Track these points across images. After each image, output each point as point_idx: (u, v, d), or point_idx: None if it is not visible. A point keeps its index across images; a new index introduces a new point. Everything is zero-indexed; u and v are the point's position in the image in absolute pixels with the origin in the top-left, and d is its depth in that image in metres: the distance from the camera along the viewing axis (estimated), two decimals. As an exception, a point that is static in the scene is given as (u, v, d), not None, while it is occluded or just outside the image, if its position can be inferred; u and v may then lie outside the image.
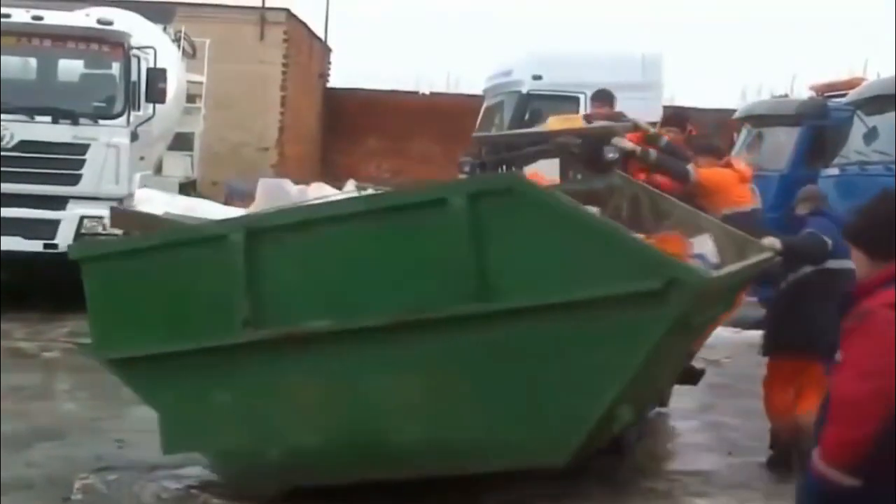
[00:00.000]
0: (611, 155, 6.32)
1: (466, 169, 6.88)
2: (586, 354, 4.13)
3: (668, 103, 15.87)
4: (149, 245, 4.87)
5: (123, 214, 5.39)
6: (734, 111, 13.85)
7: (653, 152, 6.57)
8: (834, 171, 10.14)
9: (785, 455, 5.62)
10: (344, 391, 4.48)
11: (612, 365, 4.12)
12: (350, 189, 5.63)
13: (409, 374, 4.38)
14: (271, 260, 4.48)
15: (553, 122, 6.77)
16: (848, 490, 2.59)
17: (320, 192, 5.51)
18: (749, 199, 6.65)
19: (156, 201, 5.85)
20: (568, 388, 4.19)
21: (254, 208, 5.48)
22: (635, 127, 6.75)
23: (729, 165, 7.11)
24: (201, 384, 4.67)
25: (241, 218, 5.04)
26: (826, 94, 12.39)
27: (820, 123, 11.41)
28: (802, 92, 14.59)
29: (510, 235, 4.18)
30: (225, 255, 4.51)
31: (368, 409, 4.47)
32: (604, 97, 7.96)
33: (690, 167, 6.59)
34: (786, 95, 14.91)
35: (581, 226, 4.19)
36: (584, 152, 6.60)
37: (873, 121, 9.86)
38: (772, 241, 5.40)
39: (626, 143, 6.48)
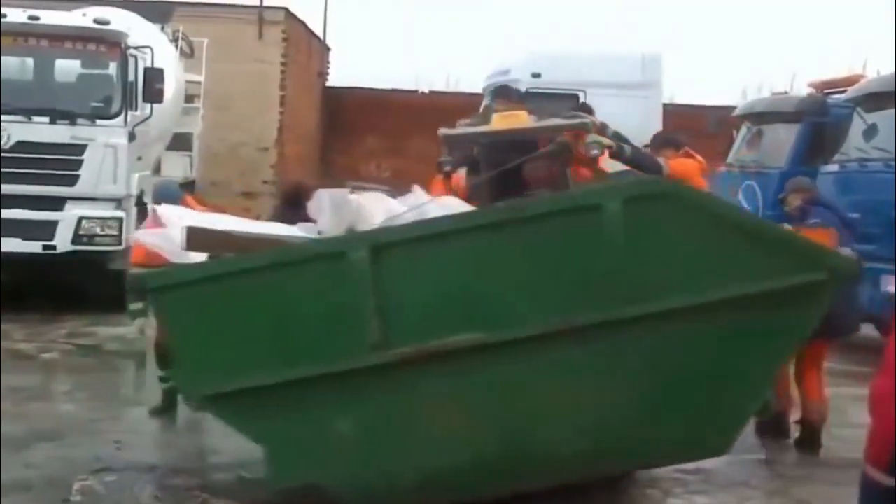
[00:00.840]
0: (594, 151, 6.31)
1: (447, 169, 6.76)
2: (746, 348, 4.24)
3: (667, 102, 15.85)
4: (248, 267, 4.36)
5: (203, 234, 4.69)
6: (734, 108, 13.82)
7: (627, 147, 6.64)
8: (834, 167, 10.13)
9: (815, 435, 6.10)
10: (490, 405, 4.36)
11: (769, 356, 4.31)
12: (416, 197, 5.26)
13: (564, 381, 4.34)
14: (400, 276, 4.27)
15: (497, 120, 6.66)
16: (889, 490, 2.55)
17: (382, 202, 5.19)
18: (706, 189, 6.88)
19: (184, 218, 5.43)
20: (729, 382, 4.29)
21: (327, 222, 5.05)
22: (582, 125, 6.69)
23: (689, 156, 7.28)
24: (318, 412, 4.34)
25: (361, 234, 4.60)
26: (826, 92, 12.36)
27: (820, 120, 11.39)
28: (802, 89, 14.54)
29: (665, 238, 4.28)
30: (346, 274, 4.25)
31: (519, 420, 4.38)
32: (507, 93, 7.89)
33: (661, 160, 6.73)
34: (786, 93, 14.84)
35: (739, 225, 4.33)
36: (495, 152, 6.50)
37: (873, 117, 9.84)
38: None
39: (605, 139, 6.48)
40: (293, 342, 4.30)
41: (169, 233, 5.10)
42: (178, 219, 5.19)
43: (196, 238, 4.64)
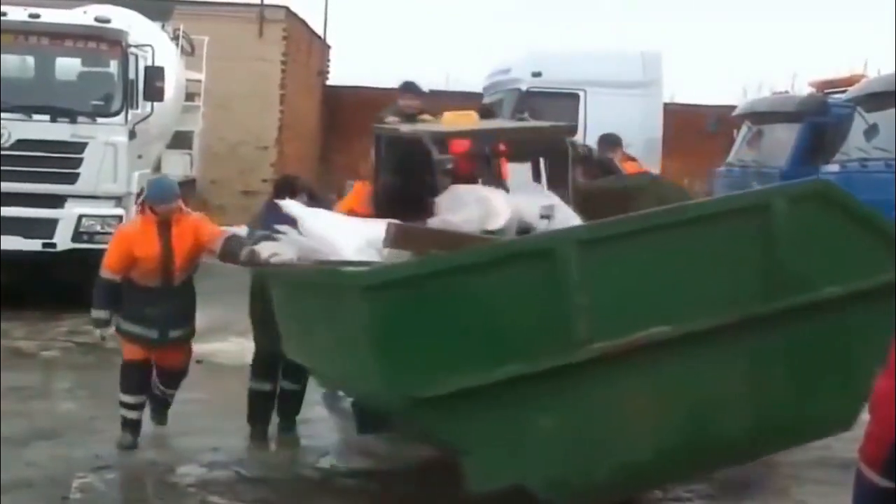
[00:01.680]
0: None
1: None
2: (872, 334, 4.39)
3: (668, 101, 15.85)
4: (457, 265, 4.27)
5: (413, 231, 4.58)
6: (735, 108, 13.82)
7: (595, 150, 6.78)
8: (834, 167, 10.13)
9: None
10: (675, 394, 4.53)
11: (884, 341, 4.58)
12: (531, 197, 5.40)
13: (739, 368, 4.62)
14: (604, 271, 4.36)
15: (448, 118, 6.64)
16: (883, 490, 2.55)
17: (505, 197, 5.32)
18: None
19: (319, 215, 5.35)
20: (861, 363, 4.49)
21: (464, 217, 5.08)
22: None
23: (630, 157, 7.44)
24: (523, 411, 4.31)
25: (567, 231, 4.77)
26: (826, 91, 12.38)
27: (820, 120, 11.40)
28: (803, 89, 14.55)
29: (819, 234, 4.68)
30: (554, 270, 4.28)
31: (699, 408, 4.60)
32: (413, 89, 7.87)
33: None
34: (786, 92, 14.85)
35: (874, 223, 4.80)
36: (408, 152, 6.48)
37: (874, 117, 9.85)
38: None
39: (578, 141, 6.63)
40: (501, 341, 4.27)
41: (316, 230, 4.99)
42: (312, 216, 5.18)
43: (401, 235, 4.56)
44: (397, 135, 6.35)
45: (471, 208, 5.08)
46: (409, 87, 7.78)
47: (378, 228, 4.76)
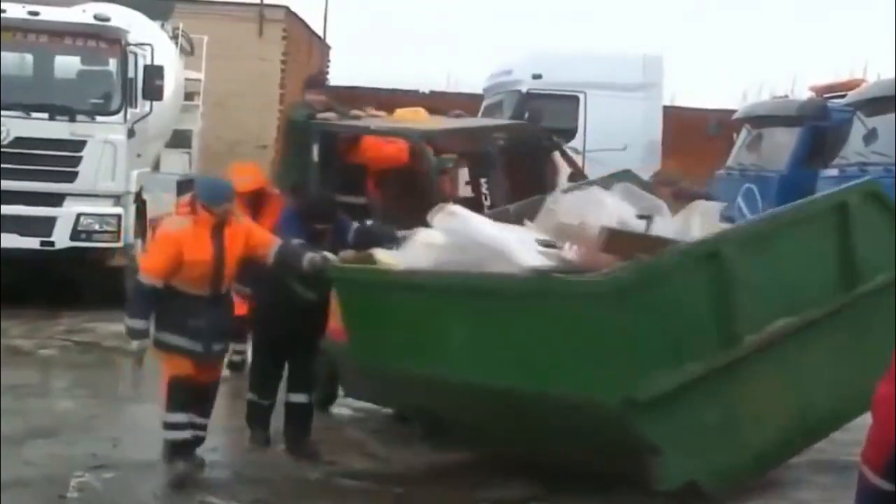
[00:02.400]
0: (449, 165, 6.69)
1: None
2: None
3: (668, 104, 15.86)
4: (666, 269, 4.51)
5: (622, 236, 4.64)
6: (735, 111, 13.83)
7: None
8: (833, 172, 10.13)
9: None
10: (794, 379, 4.95)
11: None
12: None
13: (828, 351, 5.06)
14: (751, 269, 4.73)
15: (400, 114, 6.63)
16: (884, 493, 2.55)
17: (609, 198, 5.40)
18: None
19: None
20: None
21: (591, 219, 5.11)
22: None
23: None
24: (695, 409, 4.57)
25: (727, 232, 5.01)
26: (826, 96, 12.39)
27: (820, 124, 11.41)
28: (803, 93, 14.57)
29: (875, 227, 5.26)
30: (721, 271, 4.58)
31: (808, 389, 5.00)
32: (319, 84, 7.79)
33: None
34: (786, 96, 14.87)
35: None
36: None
37: (873, 122, 9.86)
38: None
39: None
40: (687, 342, 4.53)
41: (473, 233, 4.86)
42: (479, 221, 4.98)
43: (614, 240, 4.63)
44: (370, 132, 6.35)
45: (593, 210, 5.13)
46: (314, 83, 7.69)
47: (530, 233, 4.94)
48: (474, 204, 6.48)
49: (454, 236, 4.90)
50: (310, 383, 5.74)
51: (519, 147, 6.66)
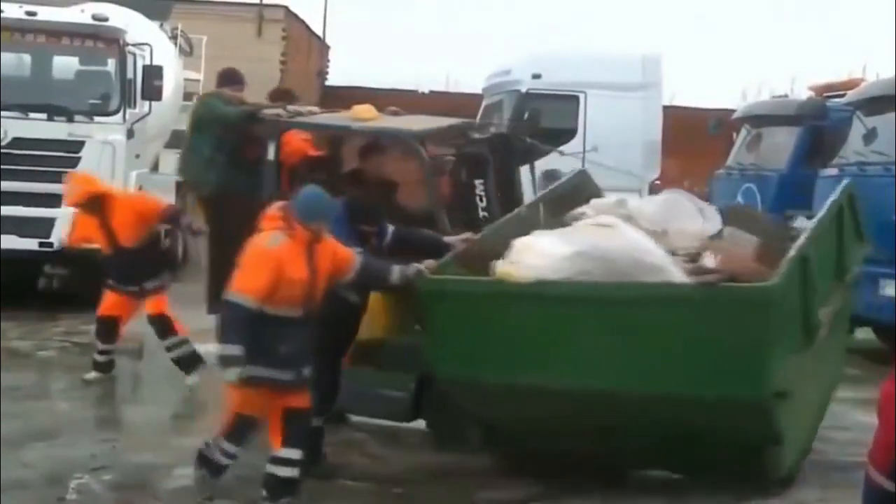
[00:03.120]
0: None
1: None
2: None
3: (668, 103, 15.85)
4: (797, 274, 5.03)
5: (769, 247, 5.22)
6: (734, 111, 13.81)
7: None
8: (833, 171, 10.11)
9: None
10: (824, 359, 5.69)
11: None
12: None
13: (828, 340, 5.57)
14: (815, 267, 5.23)
15: (358, 111, 6.50)
16: (891, 494, 2.55)
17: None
18: None
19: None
20: None
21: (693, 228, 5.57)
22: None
23: None
24: (796, 398, 5.05)
25: (805, 236, 5.38)
26: (825, 95, 12.36)
27: (819, 124, 11.38)
28: (802, 92, 14.55)
29: (852, 226, 6.08)
30: (806, 273, 5.09)
31: (825, 367, 5.81)
32: (236, 78, 7.37)
33: None
34: (785, 96, 14.86)
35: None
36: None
37: (872, 121, 9.83)
38: None
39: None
40: (797, 336, 5.10)
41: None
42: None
43: (764, 251, 5.17)
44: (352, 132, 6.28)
45: (694, 217, 5.55)
46: (231, 76, 7.40)
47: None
48: (470, 207, 6.42)
49: (597, 247, 4.95)
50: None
51: (497, 150, 6.57)
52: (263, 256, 4.68)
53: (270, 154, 5.96)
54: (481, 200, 6.15)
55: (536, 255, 4.95)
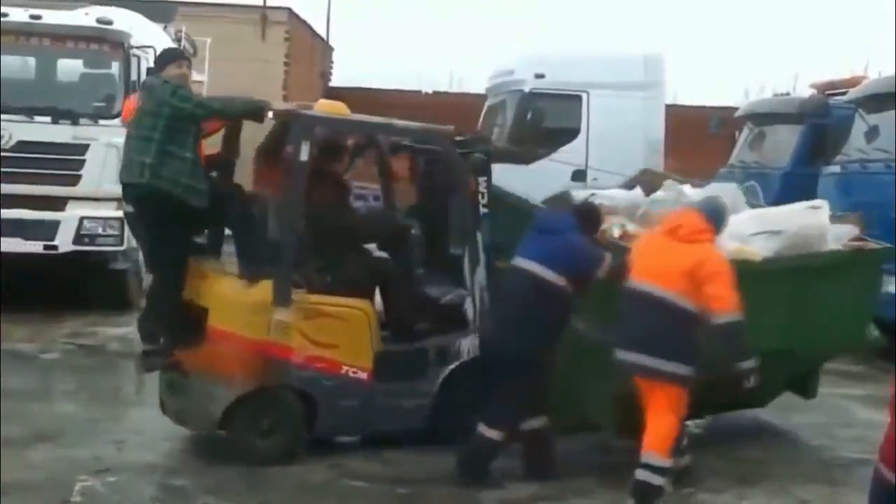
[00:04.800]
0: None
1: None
2: None
3: (670, 102, 15.83)
4: None
5: None
6: (737, 109, 13.81)
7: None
8: (835, 168, 10.12)
9: None
10: None
11: None
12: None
13: None
14: None
15: (322, 105, 6.45)
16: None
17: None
18: None
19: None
20: None
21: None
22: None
23: None
24: None
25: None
26: (827, 93, 12.36)
27: (821, 122, 11.38)
28: (804, 90, 14.53)
29: None
30: None
31: None
32: (179, 55, 6.54)
33: None
34: (788, 94, 14.84)
35: None
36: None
37: (874, 119, 9.83)
38: None
39: None
40: None
41: None
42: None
43: None
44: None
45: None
46: (174, 55, 6.44)
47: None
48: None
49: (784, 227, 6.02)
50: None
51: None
52: (729, 270, 4.99)
53: (304, 154, 5.67)
54: (482, 198, 6.11)
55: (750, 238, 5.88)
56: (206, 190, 5.73)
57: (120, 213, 10.09)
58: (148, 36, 11.43)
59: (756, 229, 5.99)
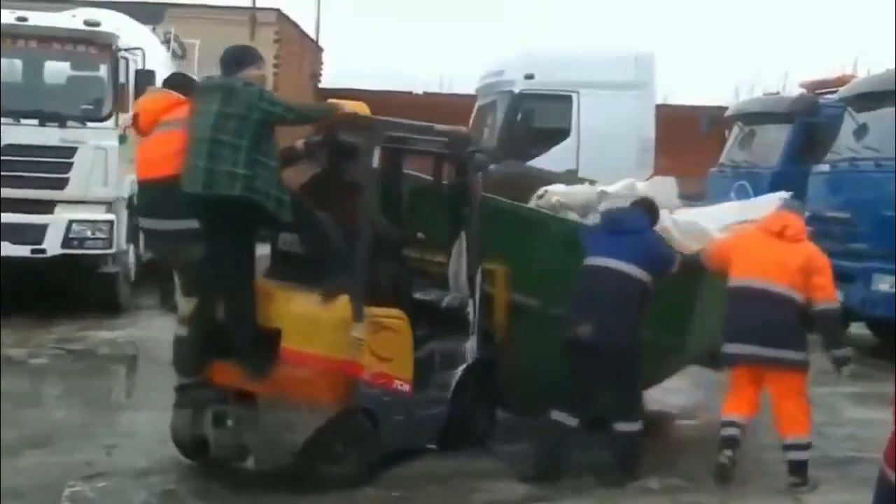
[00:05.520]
0: None
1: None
2: None
3: (661, 102, 15.86)
4: None
5: None
6: (727, 109, 13.83)
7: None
8: (825, 167, 10.14)
9: None
10: None
11: None
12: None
13: None
14: None
15: (348, 105, 6.23)
16: None
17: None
18: None
19: None
20: None
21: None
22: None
23: None
24: None
25: None
26: (817, 92, 12.39)
27: (811, 120, 11.41)
28: (794, 89, 14.56)
29: None
30: None
31: None
32: (257, 57, 5.71)
33: None
34: (777, 93, 14.86)
35: None
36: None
37: (863, 117, 9.86)
38: None
39: None
40: None
41: None
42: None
43: None
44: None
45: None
46: (253, 55, 5.70)
47: None
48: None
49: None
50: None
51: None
52: (829, 263, 5.66)
53: (375, 161, 5.45)
54: None
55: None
56: (290, 202, 5.17)
57: (109, 216, 10.07)
58: (136, 38, 11.39)
59: (736, 218, 6.35)
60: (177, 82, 5.97)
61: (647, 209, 5.89)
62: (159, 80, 11.08)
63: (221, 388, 5.29)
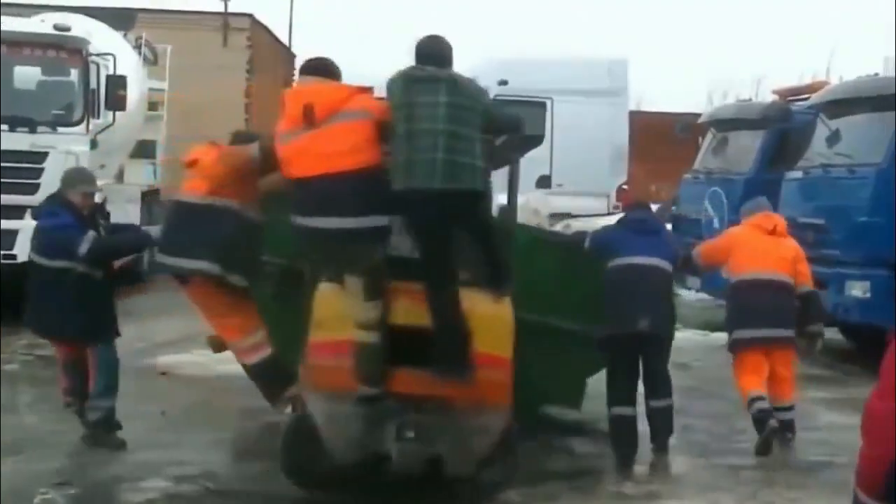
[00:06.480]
0: None
1: None
2: None
3: (634, 108, 15.94)
4: None
5: None
6: (700, 115, 13.92)
7: None
8: (797, 173, 10.21)
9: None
10: None
11: None
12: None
13: None
14: None
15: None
16: None
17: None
18: None
19: None
20: None
21: None
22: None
23: None
24: None
25: None
26: (789, 98, 12.48)
27: (784, 127, 11.48)
28: (767, 96, 14.69)
29: None
30: None
31: None
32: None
33: None
34: (750, 99, 14.98)
35: None
36: None
37: (835, 124, 9.94)
38: None
39: None
40: None
41: None
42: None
43: None
44: None
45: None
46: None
47: None
48: None
49: None
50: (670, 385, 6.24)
51: None
52: None
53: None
54: None
55: None
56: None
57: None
58: (107, 43, 11.32)
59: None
60: (318, 67, 5.25)
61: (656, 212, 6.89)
62: (131, 86, 11.08)
63: (405, 397, 4.97)
